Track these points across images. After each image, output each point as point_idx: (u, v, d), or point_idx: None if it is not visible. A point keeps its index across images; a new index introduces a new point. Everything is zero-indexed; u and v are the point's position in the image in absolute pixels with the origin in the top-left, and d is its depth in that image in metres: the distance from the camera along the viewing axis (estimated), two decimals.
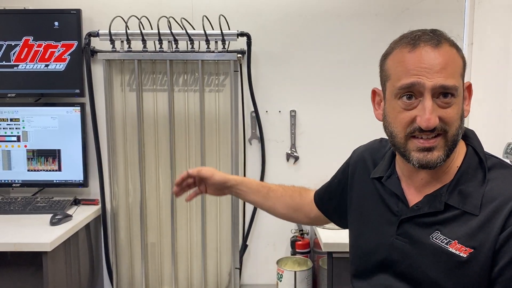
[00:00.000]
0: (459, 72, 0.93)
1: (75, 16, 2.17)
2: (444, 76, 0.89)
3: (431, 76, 0.88)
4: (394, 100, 0.94)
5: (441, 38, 0.93)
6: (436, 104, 0.90)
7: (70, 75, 2.20)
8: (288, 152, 2.32)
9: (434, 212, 0.95)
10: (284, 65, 2.28)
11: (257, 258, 2.39)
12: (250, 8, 2.24)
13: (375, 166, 1.12)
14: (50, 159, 2.25)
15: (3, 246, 1.81)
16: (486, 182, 0.93)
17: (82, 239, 2.17)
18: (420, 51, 0.90)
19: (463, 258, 0.90)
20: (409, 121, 0.92)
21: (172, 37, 2.11)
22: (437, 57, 0.90)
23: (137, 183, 2.27)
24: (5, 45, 2.19)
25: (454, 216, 0.93)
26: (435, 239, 0.94)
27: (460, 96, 0.93)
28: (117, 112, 2.26)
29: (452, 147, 0.93)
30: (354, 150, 1.24)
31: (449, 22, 2.22)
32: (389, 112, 0.97)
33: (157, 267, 2.34)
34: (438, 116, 0.90)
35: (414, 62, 0.90)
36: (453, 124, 0.91)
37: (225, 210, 2.31)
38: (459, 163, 0.97)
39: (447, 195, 0.95)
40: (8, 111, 2.23)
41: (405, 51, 0.92)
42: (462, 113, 0.94)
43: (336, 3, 2.24)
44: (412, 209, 0.99)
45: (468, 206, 0.92)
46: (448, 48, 0.92)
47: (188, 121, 2.27)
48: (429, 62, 0.89)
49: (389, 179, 1.06)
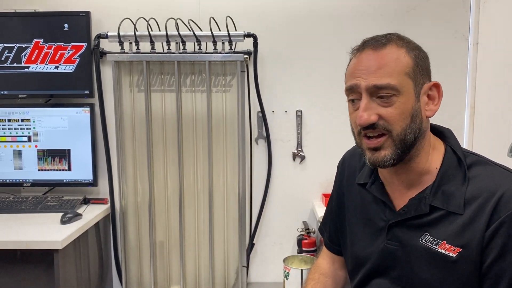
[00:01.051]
0: (403, 71, 0.93)
1: (85, 18, 2.21)
2: (379, 76, 0.92)
3: (366, 76, 0.93)
4: (348, 102, 1.02)
5: (389, 41, 0.96)
6: (376, 103, 0.93)
7: (80, 76, 2.24)
8: (294, 151, 2.34)
9: (420, 215, 0.97)
10: (290, 65, 2.30)
11: (264, 256, 2.41)
12: (256, 9, 2.27)
13: (360, 171, 1.14)
14: (60, 159, 2.28)
15: (15, 244, 1.84)
16: (467, 181, 0.94)
17: (91, 237, 2.20)
18: (362, 55, 0.97)
19: (453, 258, 0.91)
20: (356, 121, 0.97)
21: (179, 38, 2.14)
22: (375, 59, 0.94)
23: (145, 182, 2.30)
24: (16, 47, 2.23)
25: (440, 217, 0.95)
26: (424, 241, 0.95)
27: (407, 95, 0.93)
28: (126, 112, 2.29)
29: (402, 147, 0.94)
30: (339, 161, 1.25)
31: (454, 22, 2.23)
32: (349, 114, 1.04)
33: (165, 265, 2.37)
34: (378, 114, 0.92)
35: (355, 66, 0.97)
36: (395, 122, 0.92)
37: (232, 209, 2.33)
38: (439, 164, 0.98)
39: (431, 197, 0.96)
40: (19, 111, 2.27)
41: (353, 57, 1.01)
42: (413, 112, 0.93)
43: (342, 3, 2.26)
44: (399, 213, 1.00)
45: (452, 206, 0.93)
46: (394, 49, 0.95)
47: (195, 121, 2.30)
48: (366, 64, 0.95)
49: (373, 185, 1.07)
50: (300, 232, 2.32)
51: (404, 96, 0.93)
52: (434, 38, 2.22)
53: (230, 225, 2.35)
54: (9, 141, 2.28)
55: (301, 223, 2.36)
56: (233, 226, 2.34)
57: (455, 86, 2.24)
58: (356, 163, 1.17)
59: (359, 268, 1.09)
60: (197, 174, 2.32)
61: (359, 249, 1.09)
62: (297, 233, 2.33)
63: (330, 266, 1.27)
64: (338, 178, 1.23)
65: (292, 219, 2.37)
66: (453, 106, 2.25)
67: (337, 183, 1.22)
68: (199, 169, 2.32)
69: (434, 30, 2.23)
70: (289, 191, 2.37)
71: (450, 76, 2.25)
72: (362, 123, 0.93)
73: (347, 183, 1.17)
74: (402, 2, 2.24)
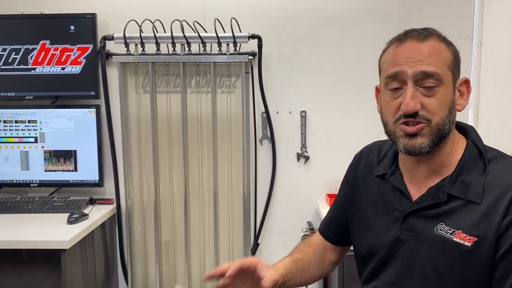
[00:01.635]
0: (446, 63, 0.96)
1: (91, 20, 2.23)
2: (426, 64, 0.94)
3: (413, 64, 0.95)
4: (385, 91, 1.02)
5: (430, 34, 0.98)
6: (419, 92, 0.94)
7: (86, 78, 2.26)
8: (298, 152, 2.36)
9: (437, 204, 0.98)
10: (294, 66, 2.31)
11: (269, 256, 2.42)
12: (261, 10, 2.28)
13: (378, 165, 1.15)
14: (66, 160, 2.30)
15: (23, 244, 1.87)
16: (487, 173, 0.96)
17: (97, 237, 2.22)
18: (406, 44, 0.98)
19: (468, 247, 0.92)
20: (396, 109, 0.97)
21: (185, 40, 2.16)
22: (421, 48, 0.96)
23: (151, 183, 2.31)
24: (23, 49, 2.25)
25: (457, 206, 0.96)
26: (439, 230, 0.96)
27: (448, 87, 0.96)
28: (132, 113, 2.31)
29: (438, 136, 0.96)
30: (356, 154, 1.26)
31: (458, 23, 2.23)
32: (382, 103, 1.04)
33: (170, 265, 2.39)
34: (421, 103, 0.94)
35: (399, 54, 0.98)
36: (436, 113, 0.94)
37: (237, 209, 2.35)
38: (459, 156, 1.00)
39: (449, 186, 0.97)
40: (26, 113, 2.29)
41: (394, 46, 1.01)
42: (450, 104, 0.96)
43: (345, 4, 2.27)
44: (416, 202, 1.01)
45: (470, 195, 0.95)
46: (436, 42, 0.97)
47: (200, 122, 2.32)
48: (412, 53, 0.96)
49: (392, 175, 1.09)
50: (304, 232, 2.33)
51: (445, 88, 0.95)
52: None
53: (234, 225, 2.36)
54: (16, 142, 2.30)
55: (305, 223, 2.37)
56: (238, 226, 2.35)
57: None
58: (374, 157, 1.18)
59: (370, 258, 1.10)
60: (202, 174, 2.34)
61: (372, 238, 1.10)
62: (302, 233, 2.34)
63: (320, 245, 1.28)
64: (352, 169, 1.23)
65: (296, 219, 2.38)
66: None
67: (351, 174, 1.23)
68: (204, 169, 2.33)
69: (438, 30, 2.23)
70: (294, 191, 2.38)
71: None
72: (409, 110, 0.93)
73: (363, 175, 1.18)
74: (406, 3, 2.25)
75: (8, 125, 2.29)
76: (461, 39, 2.24)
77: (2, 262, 2.00)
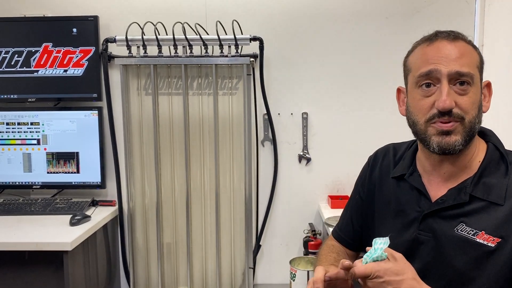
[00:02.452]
0: (475, 64, 0.98)
1: (93, 22, 2.24)
2: (460, 64, 0.95)
3: (447, 63, 0.95)
4: (414, 89, 1.01)
5: (458, 35, 1.00)
6: (453, 91, 0.95)
7: (88, 80, 2.27)
8: (300, 153, 2.36)
9: (458, 205, 0.98)
10: (296, 68, 2.31)
11: (271, 258, 2.43)
12: (262, 12, 2.29)
13: (395, 167, 1.15)
14: (69, 162, 2.31)
15: (26, 246, 1.87)
16: (509, 174, 0.97)
17: (100, 239, 2.22)
18: (437, 44, 0.98)
19: (491, 247, 0.92)
20: (429, 107, 0.97)
21: (186, 42, 2.16)
22: (453, 48, 0.97)
23: (153, 185, 2.32)
24: (26, 51, 2.26)
25: (479, 208, 0.96)
26: (460, 231, 0.96)
27: (477, 87, 0.98)
28: (134, 115, 2.32)
29: (470, 134, 0.97)
30: (370, 156, 1.26)
31: (459, 25, 2.23)
32: (411, 102, 1.03)
33: (172, 266, 2.39)
34: (454, 101, 0.94)
35: (432, 53, 0.98)
36: (469, 111, 0.96)
37: (238, 211, 2.35)
38: (481, 158, 1.01)
39: (471, 187, 0.98)
40: (29, 115, 2.30)
41: (424, 46, 1.01)
42: (479, 104, 0.98)
43: (347, 6, 2.27)
44: (436, 203, 1.01)
45: (493, 197, 0.95)
46: (464, 43, 0.99)
47: (202, 124, 2.32)
48: (445, 52, 0.97)
49: (411, 176, 1.09)
50: (306, 234, 2.33)
51: (475, 87, 0.97)
52: None
53: (236, 227, 2.36)
54: (19, 144, 2.31)
55: (307, 225, 2.37)
56: (240, 227, 2.36)
57: None
58: (390, 159, 1.18)
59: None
60: (204, 176, 2.34)
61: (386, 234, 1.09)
62: (303, 235, 2.34)
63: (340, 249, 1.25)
64: (368, 171, 1.22)
65: (298, 221, 2.39)
66: None
67: (367, 176, 1.22)
68: (206, 171, 2.34)
69: None
70: (295, 193, 2.38)
71: None
72: (446, 107, 0.94)
73: (379, 177, 1.18)
74: (408, 5, 2.25)
75: (10, 127, 2.30)
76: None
77: (5, 264, 2.01)
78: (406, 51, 1.09)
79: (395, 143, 1.22)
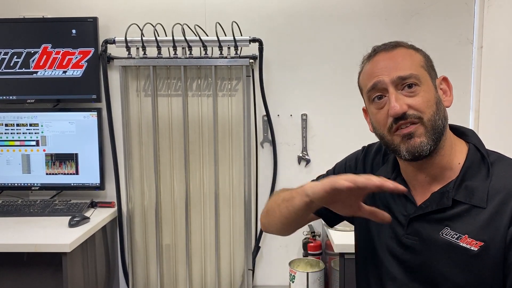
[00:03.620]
0: (418, 64, 1.00)
1: (92, 24, 2.24)
2: (401, 69, 0.98)
3: (388, 72, 0.99)
4: (370, 105, 1.04)
5: (397, 44, 1.03)
6: (402, 95, 0.97)
7: (87, 81, 2.26)
8: (299, 155, 2.36)
9: (442, 209, 0.98)
10: (295, 69, 2.32)
11: (270, 259, 2.42)
12: (262, 14, 2.29)
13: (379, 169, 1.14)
14: (68, 163, 2.30)
15: (24, 247, 1.86)
16: (490, 176, 0.96)
17: (98, 240, 2.22)
18: (377, 58, 1.03)
19: (474, 251, 0.92)
20: (385, 117, 0.99)
21: (186, 43, 2.17)
22: (391, 57, 1.01)
23: (152, 186, 2.32)
24: (25, 53, 2.26)
25: (462, 211, 0.95)
26: (445, 235, 0.96)
27: (428, 85, 0.99)
28: (133, 116, 2.32)
29: (435, 132, 0.97)
30: (365, 146, 1.26)
31: (458, 26, 2.24)
32: (372, 119, 1.06)
33: (171, 268, 2.39)
34: (407, 104, 0.96)
35: (372, 67, 1.03)
36: (424, 110, 0.96)
37: (238, 212, 2.35)
38: (462, 160, 1.00)
39: (454, 191, 0.97)
40: (28, 116, 2.29)
41: (366, 64, 1.06)
42: (436, 100, 0.99)
43: (347, 8, 2.28)
44: (420, 207, 1.01)
45: (475, 200, 0.95)
46: (404, 49, 1.02)
47: (201, 125, 2.32)
48: (384, 63, 1.01)
49: (395, 181, 1.07)
50: (305, 235, 2.33)
51: (425, 86, 0.98)
52: (438, 42, 2.23)
53: (236, 228, 2.36)
54: (18, 145, 2.30)
55: (306, 226, 2.36)
56: (239, 229, 2.35)
57: (460, 90, 2.25)
58: (380, 159, 1.17)
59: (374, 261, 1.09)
60: (203, 177, 2.34)
61: (375, 242, 1.09)
62: (303, 236, 2.34)
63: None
64: (360, 159, 1.22)
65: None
66: (458, 110, 2.25)
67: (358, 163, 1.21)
68: (205, 172, 2.34)
69: (438, 34, 2.25)
70: None
71: (455, 80, 2.20)
72: (397, 112, 0.95)
73: (370, 169, 1.17)
74: (407, 6, 2.26)
75: (9, 128, 2.30)
76: (461, 42, 2.25)
77: (4, 266, 2.00)
78: None
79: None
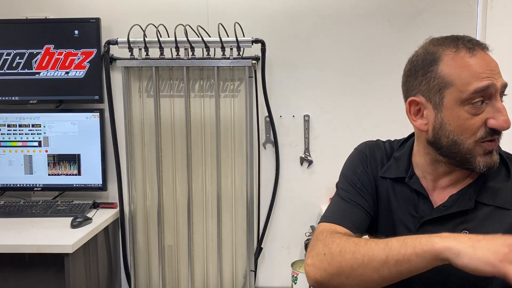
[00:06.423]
0: None
1: (95, 24, 2.24)
2: (501, 76, 0.90)
3: (498, 77, 0.89)
4: (458, 107, 0.89)
5: (485, 43, 0.93)
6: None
7: (90, 82, 2.26)
8: (302, 156, 2.35)
9: (462, 212, 0.93)
10: (298, 70, 2.31)
11: (272, 260, 2.42)
12: (264, 14, 2.29)
13: (382, 166, 1.08)
14: (70, 164, 2.30)
15: (27, 248, 1.86)
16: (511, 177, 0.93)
17: (101, 241, 2.22)
18: (480, 54, 0.88)
19: None
20: (480, 125, 0.88)
21: (188, 44, 2.16)
22: (493, 60, 0.90)
23: (154, 187, 2.32)
24: (27, 53, 2.26)
25: (485, 213, 0.92)
26: None
27: None
28: (135, 117, 2.32)
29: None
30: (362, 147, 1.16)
31: (461, 27, 2.23)
32: (450, 121, 0.90)
33: (174, 269, 2.38)
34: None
35: (481, 65, 0.87)
36: None
37: (240, 213, 2.35)
38: None
39: (476, 193, 0.94)
40: (30, 117, 2.29)
41: (464, 56, 0.89)
42: None
43: (349, 9, 2.27)
44: (438, 209, 0.96)
45: (499, 201, 0.92)
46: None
47: (204, 126, 2.32)
48: (491, 64, 0.89)
49: (411, 179, 1.02)
50: (308, 237, 2.33)
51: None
52: None
53: (238, 230, 2.36)
54: (20, 146, 2.30)
55: (308, 227, 2.36)
56: (241, 230, 2.35)
57: None
58: (378, 156, 1.10)
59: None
60: (206, 178, 2.34)
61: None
62: (305, 238, 2.34)
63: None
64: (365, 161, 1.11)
65: (300, 224, 2.38)
66: None
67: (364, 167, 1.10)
68: (208, 173, 2.34)
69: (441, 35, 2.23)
70: (297, 195, 2.38)
71: None
72: (509, 127, 0.88)
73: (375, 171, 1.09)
74: (409, 7, 2.25)
75: (12, 129, 2.30)
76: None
77: (6, 266, 2.00)
78: (409, 54, 1.01)
79: (379, 140, 1.15)
